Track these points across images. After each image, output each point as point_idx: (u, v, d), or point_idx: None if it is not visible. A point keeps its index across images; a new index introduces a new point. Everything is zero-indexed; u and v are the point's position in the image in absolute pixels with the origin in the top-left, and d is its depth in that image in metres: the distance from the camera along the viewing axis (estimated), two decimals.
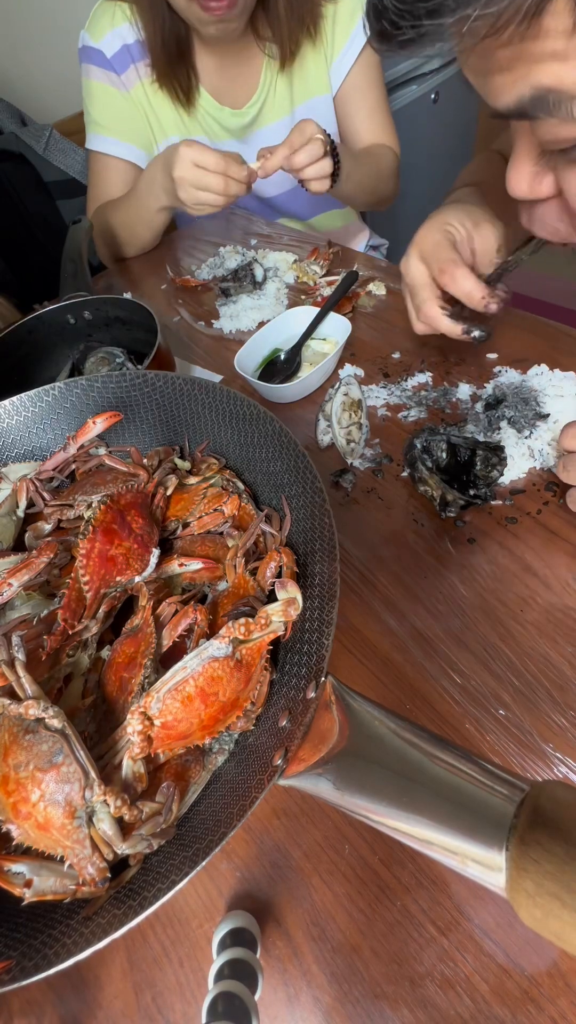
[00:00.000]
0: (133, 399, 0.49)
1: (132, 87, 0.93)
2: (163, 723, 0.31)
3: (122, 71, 0.92)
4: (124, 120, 0.95)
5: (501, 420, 0.56)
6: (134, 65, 0.92)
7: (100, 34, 0.90)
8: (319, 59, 0.95)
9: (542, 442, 0.55)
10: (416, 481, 0.52)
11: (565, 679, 0.42)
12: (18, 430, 0.49)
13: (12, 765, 0.30)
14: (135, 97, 0.94)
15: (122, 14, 0.89)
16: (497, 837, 0.24)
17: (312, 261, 0.84)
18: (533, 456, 0.54)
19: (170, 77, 0.90)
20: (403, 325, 0.73)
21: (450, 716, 0.41)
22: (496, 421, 0.57)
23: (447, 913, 0.34)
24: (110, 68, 0.92)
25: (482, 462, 0.52)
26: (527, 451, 0.54)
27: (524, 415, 0.56)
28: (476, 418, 0.59)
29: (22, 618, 0.40)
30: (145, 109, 0.95)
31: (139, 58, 0.91)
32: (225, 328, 0.80)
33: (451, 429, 0.56)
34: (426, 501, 0.53)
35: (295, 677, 0.33)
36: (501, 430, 0.56)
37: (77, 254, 0.79)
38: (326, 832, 0.38)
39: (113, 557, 0.39)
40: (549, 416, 0.56)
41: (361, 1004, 0.33)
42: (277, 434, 0.43)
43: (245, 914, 0.35)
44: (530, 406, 0.57)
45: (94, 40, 0.91)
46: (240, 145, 1.00)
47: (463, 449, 0.52)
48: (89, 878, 0.28)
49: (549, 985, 0.32)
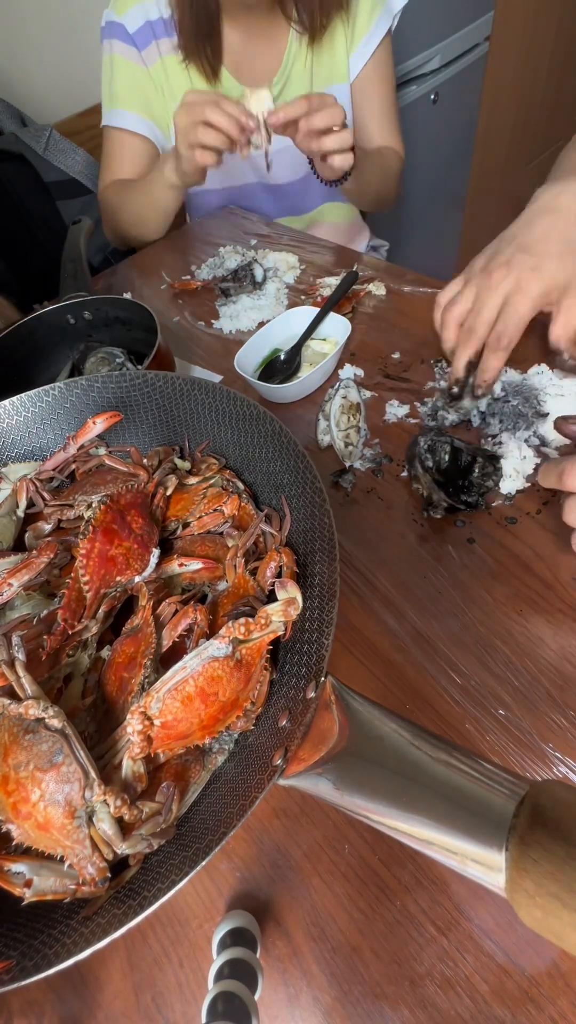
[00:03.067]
0: (133, 399, 0.49)
1: (152, 63, 0.93)
2: (163, 723, 0.31)
3: (143, 47, 0.92)
4: (144, 96, 0.95)
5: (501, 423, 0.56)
6: (155, 42, 0.91)
7: (124, 8, 0.90)
8: (341, 45, 0.95)
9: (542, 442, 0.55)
10: (411, 478, 0.53)
11: (565, 679, 0.42)
12: (18, 430, 0.49)
13: (12, 765, 0.30)
14: (154, 74, 0.94)
15: None
16: (497, 837, 0.24)
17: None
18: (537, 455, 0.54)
19: (197, 54, 0.89)
20: (403, 325, 0.73)
21: (450, 716, 0.41)
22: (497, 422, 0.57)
23: (447, 913, 0.34)
24: (132, 43, 0.91)
25: (479, 469, 0.52)
26: (529, 451, 0.54)
27: (524, 415, 0.56)
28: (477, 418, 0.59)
29: (22, 618, 0.40)
30: (163, 86, 0.95)
31: (161, 35, 0.91)
32: (225, 328, 0.80)
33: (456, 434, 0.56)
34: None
35: (295, 677, 0.33)
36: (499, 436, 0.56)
37: (77, 254, 0.79)
38: (326, 832, 0.38)
39: (113, 557, 0.39)
40: (549, 415, 0.56)
41: (361, 1004, 0.33)
42: (277, 434, 0.43)
43: (245, 914, 0.35)
44: (531, 404, 0.57)
45: (117, 14, 0.90)
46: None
47: (465, 454, 0.52)
48: (89, 878, 0.28)
49: (549, 985, 0.32)
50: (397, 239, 1.56)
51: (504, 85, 1.74)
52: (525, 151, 2.01)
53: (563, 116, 2.05)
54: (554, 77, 1.89)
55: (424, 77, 1.53)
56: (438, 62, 1.53)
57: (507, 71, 1.71)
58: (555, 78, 1.90)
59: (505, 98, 1.77)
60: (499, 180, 2.00)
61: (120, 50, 0.92)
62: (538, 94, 1.89)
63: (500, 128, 1.84)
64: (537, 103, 1.91)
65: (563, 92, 1.98)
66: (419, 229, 1.77)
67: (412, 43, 1.44)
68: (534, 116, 1.93)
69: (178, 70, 0.93)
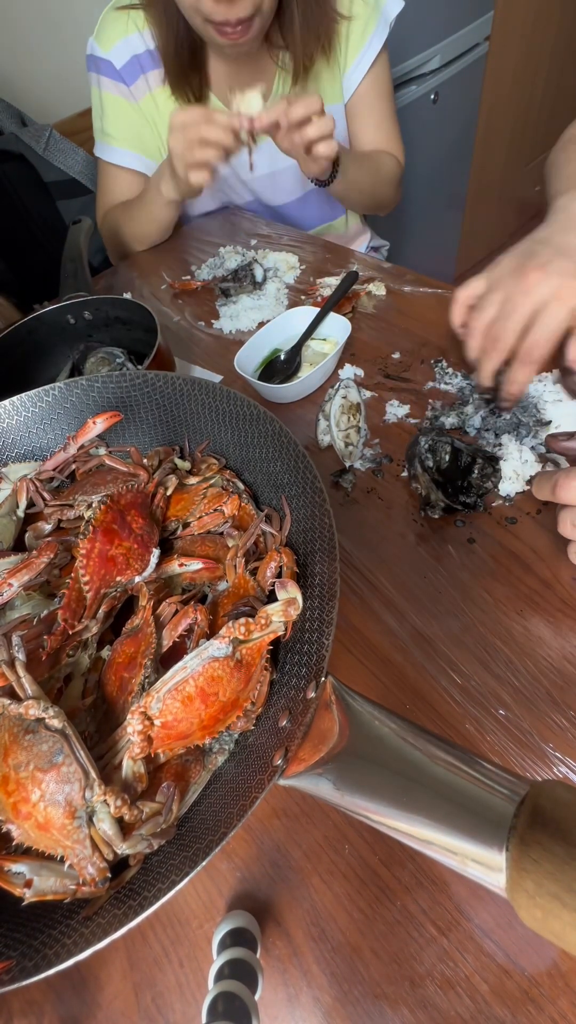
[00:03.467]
0: (133, 399, 0.49)
1: (141, 98, 0.93)
2: (163, 723, 0.31)
3: (131, 82, 0.92)
4: (134, 131, 0.96)
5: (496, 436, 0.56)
6: (144, 76, 0.92)
7: (109, 44, 0.90)
8: (332, 72, 0.95)
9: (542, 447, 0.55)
10: (411, 477, 0.53)
11: (565, 679, 0.42)
12: (18, 430, 0.49)
13: (12, 765, 0.30)
14: (144, 108, 0.94)
15: (132, 24, 0.88)
16: (497, 837, 0.24)
17: None
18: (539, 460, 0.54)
19: (183, 85, 0.89)
20: (403, 325, 0.73)
21: (450, 716, 0.41)
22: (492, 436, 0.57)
23: (447, 913, 0.34)
24: (120, 79, 0.92)
25: (479, 471, 0.52)
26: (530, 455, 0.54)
27: (524, 424, 0.56)
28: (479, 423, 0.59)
29: (22, 618, 0.40)
30: (155, 119, 0.95)
31: (148, 68, 0.91)
32: (225, 328, 0.80)
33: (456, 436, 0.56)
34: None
35: (295, 677, 0.33)
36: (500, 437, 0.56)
37: (77, 254, 0.79)
38: (326, 832, 0.38)
39: (113, 557, 0.39)
40: (551, 423, 0.56)
41: (361, 1004, 0.33)
42: (277, 434, 0.43)
43: (245, 914, 0.35)
44: (529, 413, 0.57)
45: (103, 50, 0.90)
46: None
47: (465, 455, 0.52)
48: (89, 878, 0.28)
49: (549, 985, 0.32)
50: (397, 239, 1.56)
51: (504, 85, 1.74)
52: (525, 151, 2.01)
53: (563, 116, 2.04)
54: (554, 77, 1.89)
55: (424, 77, 1.53)
56: (438, 62, 1.53)
57: (507, 71, 1.71)
58: (555, 78, 1.90)
59: (505, 98, 1.77)
60: (499, 180, 2.00)
61: (108, 87, 0.93)
62: (538, 94, 1.89)
63: (500, 128, 1.84)
64: (537, 103, 1.91)
65: (563, 92, 1.98)
66: (419, 229, 1.77)
67: (412, 43, 1.44)
68: (534, 116, 1.93)
69: (168, 101, 0.93)
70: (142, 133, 0.96)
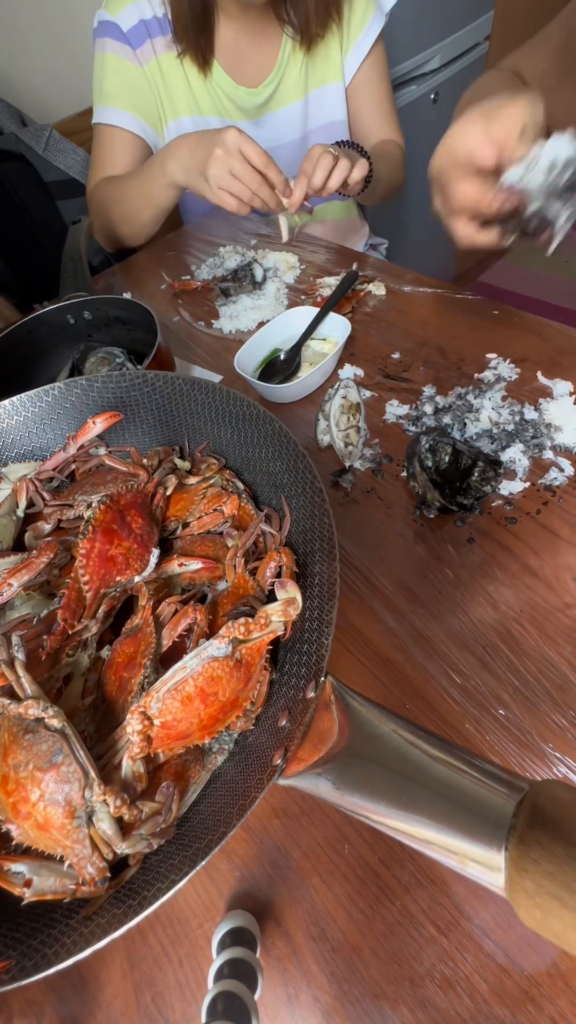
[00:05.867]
0: (133, 399, 0.49)
1: (147, 63, 0.93)
2: (163, 723, 0.31)
3: (137, 46, 0.91)
4: (136, 93, 0.95)
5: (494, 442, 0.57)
6: (150, 41, 0.91)
7: (118, 8, 0.90)
8: (335, 47, 0.97)
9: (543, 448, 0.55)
10: (409, 476, 0.53)
11: (565, 679, 0.42)
12: (18, 430, 0.49)
13: (12, 765, 0.30)
14: (149, 73, 0.94)
15: None
16: (497, 837, 0.24)
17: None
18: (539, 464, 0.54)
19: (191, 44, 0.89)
20: (403, 325, 0.73)
21: (450, 716, 0.41)
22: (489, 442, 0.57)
23: (447, 913, 0.34)
24: (126, 42, 0.91)
25: (479, 473, 0.52)
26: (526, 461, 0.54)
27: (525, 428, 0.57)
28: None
29: (22, 618, 0.40)
30: (158, 86, 0.95)
31: (155, 34, 0.91)
32: (225, 328, 0.80)
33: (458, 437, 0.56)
34: None
35: (295, 677, 0.33)
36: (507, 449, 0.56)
37: (77, 254, 0.79)
38: (326, 832, 0.38)
39: (113, 557, 0.39)
40: (551, 425, 0.56)
41: (361, 1004, 0.33)
42: (277, 434, 0.43)
43: (245, 914, 0.35)
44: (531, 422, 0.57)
45: (111, 13, 0.90)
46: (252, 126, 1.00)
47: (466, 457, 0.52)
48: (89, 878, 0.28)
49: (549, 985, 0.32)
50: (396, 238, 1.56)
51: None
52: None
53: None
54: None
55: (424, 77, 1.53)
56: (438, 62, 1.53)
57: None
58: None
59: None
60: None
61: (113, 48, 0.92)
62: None
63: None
64: None
65: None
66: (419, 229, 1.77)
67: (412, 43, 1.44)
68: None
69: (174, 67, 0.93)
70: (144, 96, 0.95)
